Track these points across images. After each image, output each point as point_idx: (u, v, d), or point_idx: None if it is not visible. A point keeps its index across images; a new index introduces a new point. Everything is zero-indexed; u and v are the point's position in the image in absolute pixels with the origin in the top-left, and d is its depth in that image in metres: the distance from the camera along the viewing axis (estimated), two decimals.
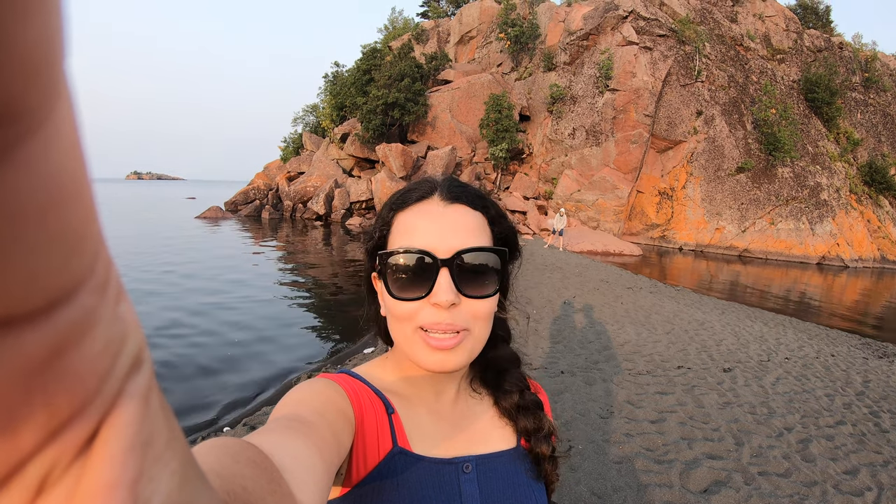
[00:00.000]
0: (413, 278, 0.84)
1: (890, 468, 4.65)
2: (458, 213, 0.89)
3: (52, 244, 0.15)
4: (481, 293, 0.86)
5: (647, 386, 6.18)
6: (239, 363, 7.23)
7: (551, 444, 1.00)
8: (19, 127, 0.14)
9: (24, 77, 0.13)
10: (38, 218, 0.14)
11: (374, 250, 0.93)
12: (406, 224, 0.89)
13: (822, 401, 6.21)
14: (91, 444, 0.18)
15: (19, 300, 0.14)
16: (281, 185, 36.80)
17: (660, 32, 32.07)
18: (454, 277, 0.84)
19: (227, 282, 12.81)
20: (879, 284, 23.38)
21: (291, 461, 0.56)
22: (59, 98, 0.15)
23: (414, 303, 0.84)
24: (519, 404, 1.01)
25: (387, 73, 33.38)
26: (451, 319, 0.84)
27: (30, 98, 0.14)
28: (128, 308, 0.20)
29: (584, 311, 10.17)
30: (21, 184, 0.14)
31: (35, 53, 0.14)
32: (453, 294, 0.83)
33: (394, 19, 54.53)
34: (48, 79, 0.14)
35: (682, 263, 24.59)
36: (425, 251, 0.83)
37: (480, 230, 0.89)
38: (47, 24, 0.14)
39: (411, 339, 0.86)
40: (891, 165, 36.85)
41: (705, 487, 4.05)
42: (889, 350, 9.61)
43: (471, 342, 0.87)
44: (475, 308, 0.86)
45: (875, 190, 35.89)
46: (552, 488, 1.01)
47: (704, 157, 31.91)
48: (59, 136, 0.15)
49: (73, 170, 0.16)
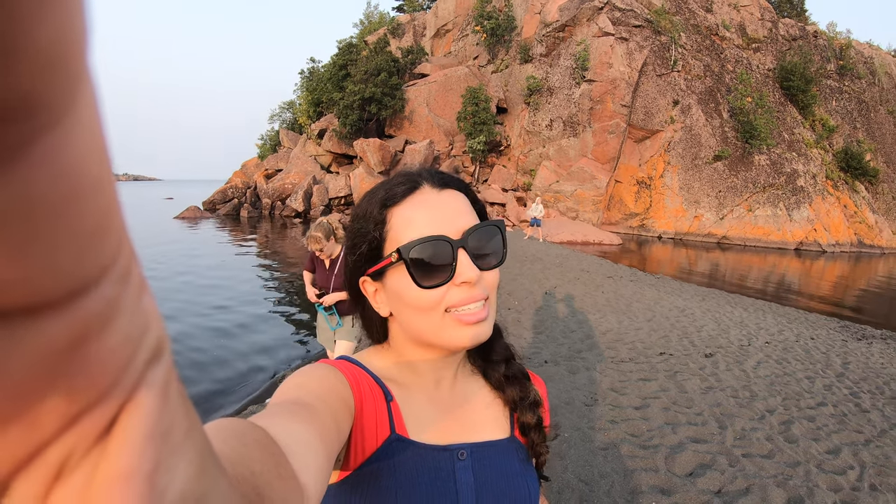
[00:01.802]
0: (434, 265, 0.86)
1: (871, 447, 4.70)
2: (452, 196, 0.92)
3: (73, 236, 0.15)
4: (493, 264, 0.91)
5: (630, 373, 6.19)
6: (225, 364, 7.12)
7: (537, 414, 1.01)
8: (39, 120, 0.14)
9: (44, 71, 0.13)
10: (60, 210, 0.15)
11: (370, 252, 0.91)
12: (406, 217, 0.89)
13: (802, 383, 6.26)
14: (110, 431, 0.18)
15: (43, 289, 0.15)
16: (259, 182, 36.55)
17: (635, 23, 32.17)
18: (470, 255, 0.87)
19: (207, 281, 12.67)
20: (857, 268, 23.73)
21: (296, 445, 0.56)
22: (80, 92, 0.15)
23: (440, 288, 0.86)
24: (506, 374, 1.03)
25: (363, 67, 33.31)
26: (477, 292, 0.87)
27: (50, 92, 0.14)
28: (149, 300, 0.20)
29: (566, 301, 10.17)
30: (42, 176, 0.14)
31: (55, 47, 0.14)
32: (476, 270, 0.86)
33: (369, 14, 54.28)
34: (68, 72, 0.14)
35: (662, 252, 24.77)
36: (442, 236, 0.85)
37: (470, 210, 0.93)
38: (68, 17, 0.14)
39: (440, 324, 0.87)
40: (866, 151, 37.41)
41: (690, 471, 4.06)
42: (868, 332, 9.73)
43: (493, 311, 0.92)
44: (490, 279, 0.90)
45: (851, 175, 36.34)
46: (542, 460, 1.01)
47: (681, 146, 32.13)
48: (80, 129, 0.15)
49: (95, 163, 0.16)
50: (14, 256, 0.14)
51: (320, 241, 4.75)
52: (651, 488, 3.80)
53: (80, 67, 0.15)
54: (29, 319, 0.15)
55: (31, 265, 0.14)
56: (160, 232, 23.63)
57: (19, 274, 0.14)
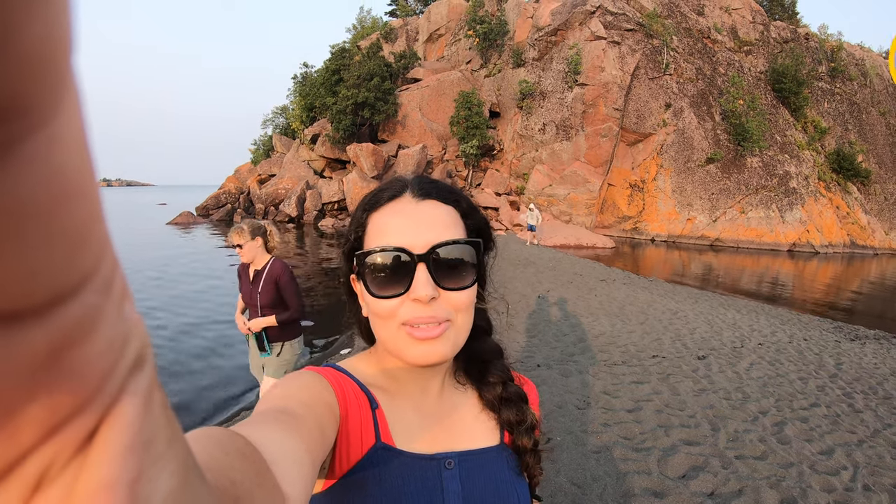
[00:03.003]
0: (391, 276, 0.83)
1: (864, 447, 4.69)
2: (430, 208, 0.89)
3: (56, 241, 0.15)
4: (459, 285, 0.86)
5: (622, 376, 6.17)
6: (219, 370, 7.10)
7: (533, 438, 0.98)
8: (25, 122, 0.14)
9: (31, 72, 0.13)
10: (43, 214, 0.14)
11: (350, 252, 0.92)
12: (380, 224, 0.88)
13: (795, 384, 6.26)
14: (91, 441, 0.18)
15: (24, 295, 0.14)
16: (252, 188, 36.48)
17: (627, 27, 32.29)
18: (431, 272, 0.84)
19: (201, 285, 12.67)
20: (850, 269, 23.84)
21: (279, 453, 0.56)
22: (65, 94, 0.15)
23: (394, 300, 0.84)
24: (502, 396, 1.00)
25: (356, 72, 33.26)
26: (433, 312, 0.83)
27: (36, 93, 0.14)
28: (132, 308, 0.20)
29: (559, 304, 10.17)
30: (26, 180, 0.14)
31: (41, 48, 0.14)
32: (432, 288, 0.83)
33: (362, 18, 54.27)
34: (55, 74, 0.14)
35: (655, 254, 24.82)
36: (401, 248, 0.83)
37: (454, 224, 0.89)
38: (54, 18, 0.14)
39: (395, 336, 0.85)
40: (858, 153, 37.64)
41: (683, 473, 4.04)
42: (861, 333, 9.76)
43: (454, 333, 0.86)
44: (455, 300, 0.86)
45: (843, 177, 36.57)
46: (535, 482, 0.99)
47: (674, 149, 32.23)
48: (66, 132, 0.15)
49: (79, 167, 0.16)
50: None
51: (243, 234, 4.18)
52: (644, 491, 3.78)
53: (66, 69, 0.15)
54: (8, 327, 0.14)
55: (13, 271, 0.14)
56: (149, 238, 23.56)
57: (1, 279, 0.14)
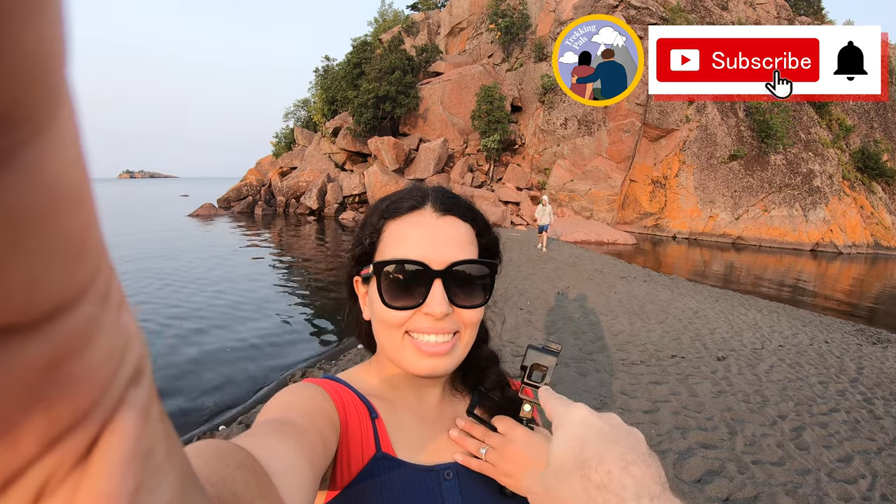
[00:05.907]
0: (407, 288, 0.86)
1: (884, 455, 4.65)
2: (450, 225, 0.91)
3: (52, 252, 0.15)
4: (471, 303, 0.89)
5: (640, 376, 6.17)
6: (235, 361, 7.18)
7: None
8: (20, 133, 0.14)
9: (25, 82, 0.13)
10: (39, 225, 0.14)
11: (361, 256, 0.94)
12: (399, 234, 0.89)
13: (815, 388, 6.21)
14: (90, 454, 0.18)
15: (21, 308, 0.14)
16: (273, 180, 36.72)
17: (651, 21, 31.94)
18: (447, 288, 0.86)
19: (222, 279, 12.76)
20: (873, 270, 23.46)
21: (280, 465, 0.57)
22: (60, 105, 0.15)
23: (406, 312, 0.86)
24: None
25: (377, 66, 33.29)
26: (442, 326, 0.86)
27: (30, 104, 0.14)
28: (129, 318, 0.20)
29: (578, 301, 10.15)
30: (21, 190, 0.14)
31: (35, 59, 0.14)
32: (446, 305, 0.85)
33: (384, 12, 54.21)
34: (49, 85, 0.14)
35: (676, 252, 24.64)
36: (421, 262, 0.85)
37: (470, 242, 0.92)
38: (48, 29, 0.14)
39: (400, 345, 0.88)
40: (883, 152, 36.90)
41: (699, 477, 4.04)
42: (883, 336, 9.62)
43: (461, 347, 0.90)
44: (465, 316, 0.89)
45: (868, 176, 35.90)
46: None
47: (697, 146, 31.89)
48: (60, 143, 0.15)
49: (74, 177, 0.16)
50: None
51: None
52: None
53: (61, 79, 0.15)
54: (6, 340, 0.14)
55: (11, 283, 0.14)
56: (172, 229, 23.80)
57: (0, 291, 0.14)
